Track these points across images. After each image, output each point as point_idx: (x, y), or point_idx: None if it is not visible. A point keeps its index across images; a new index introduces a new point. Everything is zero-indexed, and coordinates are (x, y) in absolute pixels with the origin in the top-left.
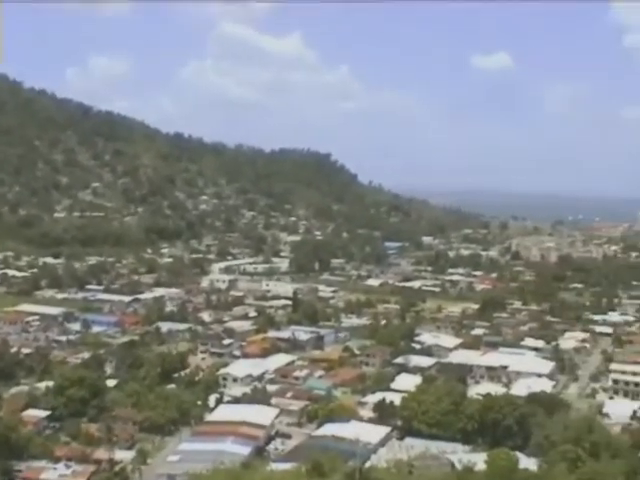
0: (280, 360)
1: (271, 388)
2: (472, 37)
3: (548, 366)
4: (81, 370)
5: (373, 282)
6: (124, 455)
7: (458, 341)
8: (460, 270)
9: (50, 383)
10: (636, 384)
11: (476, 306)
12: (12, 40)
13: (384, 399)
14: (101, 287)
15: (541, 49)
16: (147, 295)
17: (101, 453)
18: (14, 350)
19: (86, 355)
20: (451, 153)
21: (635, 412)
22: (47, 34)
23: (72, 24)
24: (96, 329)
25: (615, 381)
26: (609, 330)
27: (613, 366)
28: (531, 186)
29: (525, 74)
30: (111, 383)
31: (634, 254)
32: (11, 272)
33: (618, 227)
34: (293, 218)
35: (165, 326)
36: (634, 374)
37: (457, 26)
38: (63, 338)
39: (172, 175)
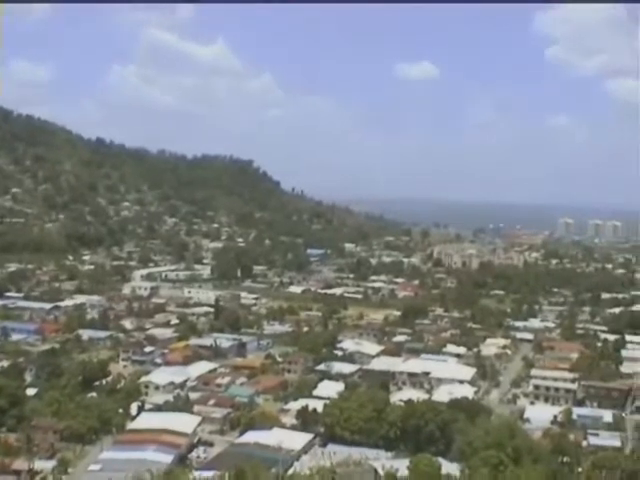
0: (202, 368)
1: (193, 396)
2: (396, 46)
3: (470, 372)
4: (0, 379)
5: (295, 289)
6: (44, 465)
7: (380, 348)
8: (382, 277)
9: None
10: (556, 389)
11: (398, 313)
12: None
13: (307, 406)
14: (21, 294)
15: (466, 59)
16: (68, 302)
17: (20, 463)
18: None
19: (5, 364)
20: (374, 161)
21: (555, 417)
22: None
23: None
24: (15, 337)
25: (536, 387)
26: (530, 336)
27: (534, 372)
28: (452, 194)
29: (449, 83)
30: (31, 392)
31: (554, 261)
32: None
33: (539, 234)
34: (215, 225)
35: (86, 334)
36: (554, 380)
37: (381, 35)
38: None
39: (94, 181)
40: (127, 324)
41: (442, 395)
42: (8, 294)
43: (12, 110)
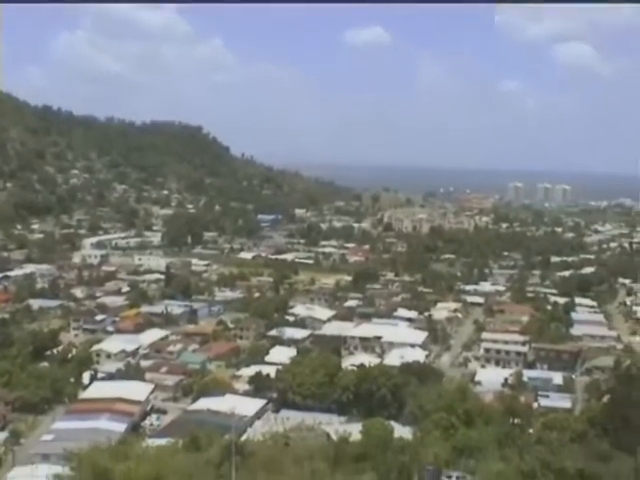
0: (154, 335)
1: (145, 363)
2: (348, 12)
3: (421, 336)
4: None
5: (246, 255)
6: None
7: (332, 313)
8: (333, 242)
9: None
10: (507, 352)
11: (349, 278)
12: None
13: (259, 372)
14: None
15: (416, 23)
16: (17, 272)
17: None
18: None
19: None
20: (325, 127)
21: (506, 379)
22: None
23: None
24: None
25: (487, 350)
26: (480, 300)
27: (484, 335)
28: (402, 159)
29: (400, 49)
30: None
31: (504, 225)
32: None
33: (489, 199)
34: (165, 192)
35: (36, 303)
36: (505, 343)
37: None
38: None
39: (41, 149)
40: (78, 293)
41: (394, 359)
42: None
43: None
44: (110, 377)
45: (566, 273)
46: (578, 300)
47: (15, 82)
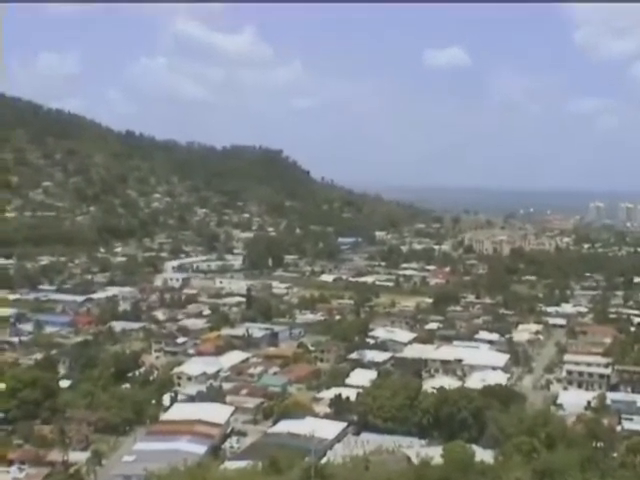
0: (234, 357)
1: (226, 386)
2: (425, 31)
3: (502, 359)
4: (34, 371)
5: (327, 278)
6: (78, 456)
7: (412, 335)
8: (413, 265)
9: (2, 385)
10: (590, 375)
11: (430, 300)
12: None
13: (339, 395)
14: (54, 287)
15: (492, 44)
16: (100, 294)
17: (55, 455)
18: None
19: (39, 356)
20: (403, 149)
21: (589, 402)
22: None
23: (20, 21)
24: (49, 329)
25: (569, 372)
26: (562, 322)
27: (567, 357)
28: (483, 181)
29: (478, 69)
30: (65, 384)
31: (586, 246)
32: None
33: (570, 219)
34: (246, 215)
35: (119, 325)
36: (588, 365)
37: (411, 21)
38: (15, 339)
39: (124, 174)
40: (159, 315)
41: (475, 382)
42: (41, 287)
43: (42, 105)
44: (191, 399)
45: None
46: None
47: (99, 108)
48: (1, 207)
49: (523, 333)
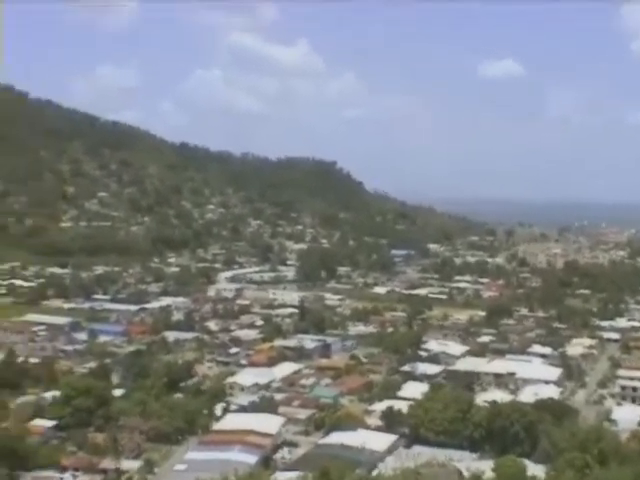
0: (287, 369)
1: (278, 397)
2: (478, 44)
3: (555, 373)
4: (88, 380)
5: (380, 290)
6: (131, 465)
7: (465, 348)
8: (466, 277)
9: (57, 393)
10: None
11: (483, 313)
12: (18, 51)
13: (391, 407)
14: (108, 297)
15: (548, 55)
16: (154, 304)
17: (108, 463)
18: (21, 360)
19: (93, 365)
20: (455, 161)
21: None
22: (53, 44)
23: (78, 34)
24: (103, 338)
25: (623, 387)
26: (616, 336)
27: (621, 372)
28: (536, 194)
29: (531, 81)
30: (118, 393)
31: None
32: (18, 282)
33: (624, 232)
34: (299, 226)
35: (172, 335)
36: None
37: (464, 33)
38: (70, 348)
39: (178, 184)
40: (212, 325)
41: (527, 396)
42: (95, 296)
43: (99, 116)
44: (243, 409)
45: None
46: None
47: (154, 120)
48: (57, 217)
49: (576, 347)
